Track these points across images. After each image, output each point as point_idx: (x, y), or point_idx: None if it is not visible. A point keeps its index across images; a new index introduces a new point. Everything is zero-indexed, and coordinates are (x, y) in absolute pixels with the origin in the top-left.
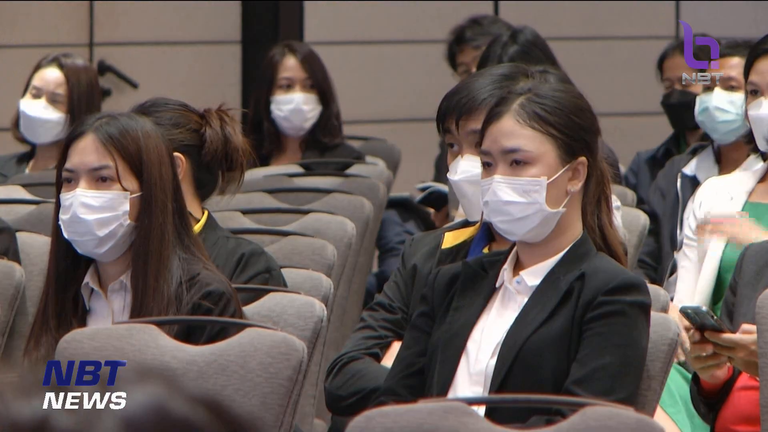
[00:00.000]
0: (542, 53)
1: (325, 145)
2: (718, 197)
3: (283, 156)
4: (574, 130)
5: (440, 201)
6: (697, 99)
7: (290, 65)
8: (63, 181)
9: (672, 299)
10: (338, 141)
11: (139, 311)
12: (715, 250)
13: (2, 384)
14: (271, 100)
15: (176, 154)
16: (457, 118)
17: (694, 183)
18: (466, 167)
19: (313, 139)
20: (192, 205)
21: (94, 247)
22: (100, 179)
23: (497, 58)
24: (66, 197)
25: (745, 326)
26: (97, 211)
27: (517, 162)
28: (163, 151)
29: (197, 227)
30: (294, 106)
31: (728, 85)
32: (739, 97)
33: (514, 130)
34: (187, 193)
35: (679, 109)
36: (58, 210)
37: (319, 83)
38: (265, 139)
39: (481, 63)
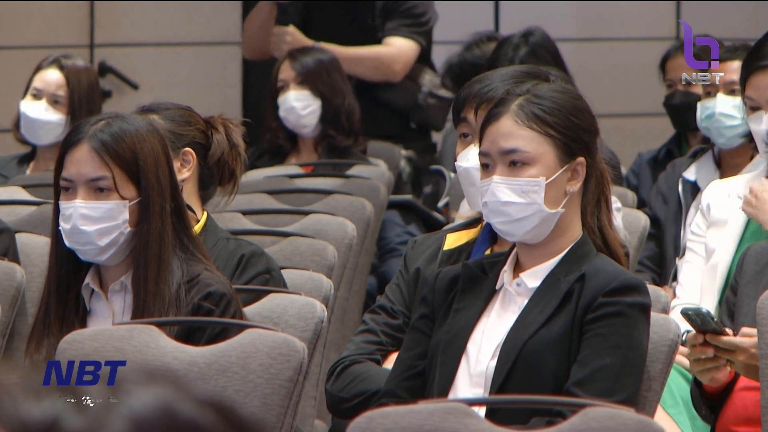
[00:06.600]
0: (550, 55)
1: (339, 147)
2: (729, 200)
3: (299, 156)
4: (572, 131)
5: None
6: (699, 105)
7: (283, 68)
8: (61, 188)
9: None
10: (349, 143)
11: (140, 314)
12: (724, 254)
13: (11, 385)
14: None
15: (187, 149)
16: (476, 106)
17: (695, 189)
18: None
19: (327, 142)
20: (194, 204)
21: (95, 255)
22: (98, 189)
23: (509, 60)
24: (65, 206)
25: (746, 329)
26: (97, 221)
27: (515, 163)
28: (159, 152)
29: (197, 228)
30: (287, 105)
31: (730, 89)
32: None
33: (512, 131)
34: (191, 191)
35: (682, 109)
36: (58, 215)
37: (306, 77)
38: (279, 138)
39: (490, 64)
